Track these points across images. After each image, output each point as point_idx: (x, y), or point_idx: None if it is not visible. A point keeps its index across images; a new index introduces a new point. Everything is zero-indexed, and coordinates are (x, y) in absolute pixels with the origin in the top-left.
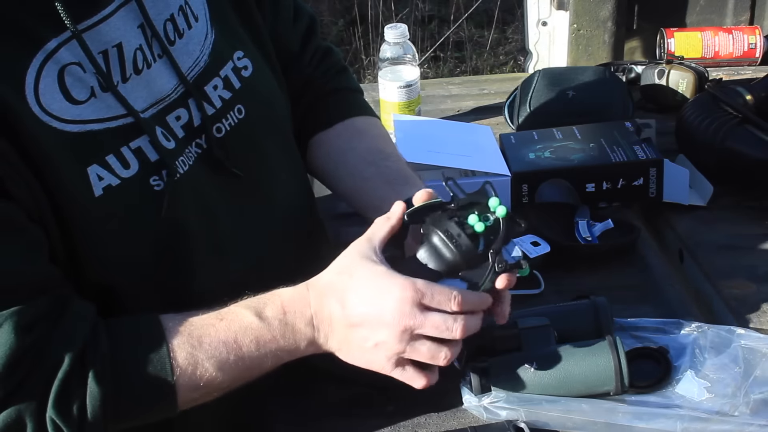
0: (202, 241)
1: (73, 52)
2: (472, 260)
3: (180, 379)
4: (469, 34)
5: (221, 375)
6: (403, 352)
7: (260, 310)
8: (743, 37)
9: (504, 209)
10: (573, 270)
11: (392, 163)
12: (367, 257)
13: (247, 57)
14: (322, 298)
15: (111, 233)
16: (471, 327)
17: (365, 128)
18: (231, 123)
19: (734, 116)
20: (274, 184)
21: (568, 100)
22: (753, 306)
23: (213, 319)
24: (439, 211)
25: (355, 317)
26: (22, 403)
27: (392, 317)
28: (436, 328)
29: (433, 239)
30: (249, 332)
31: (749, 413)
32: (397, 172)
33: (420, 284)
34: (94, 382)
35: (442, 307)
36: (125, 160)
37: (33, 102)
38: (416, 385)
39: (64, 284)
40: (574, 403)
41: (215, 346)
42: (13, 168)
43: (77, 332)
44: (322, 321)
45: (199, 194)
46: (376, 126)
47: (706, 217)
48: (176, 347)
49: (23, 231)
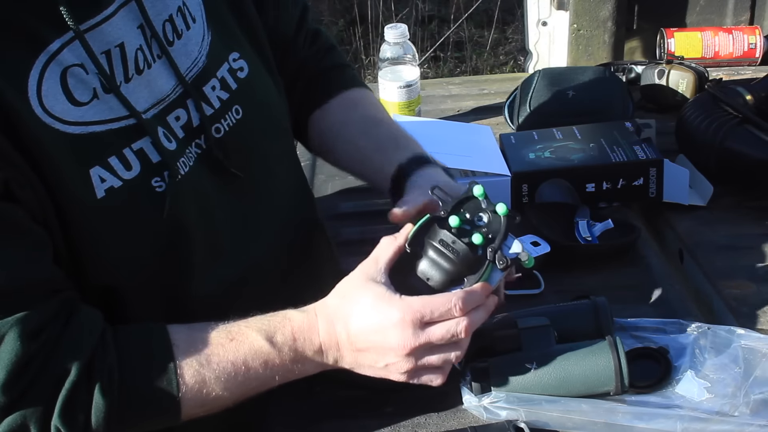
0: (202, 241)
1: (76, 53)
2: (473, 264)
3: (185, 396)
4: (469, 34)
5: (227, 394)
6: (413, 367)
7: (271, 334)
8: (743, 37)
9: (504, 207)
10: (573, 270)
11: (383, 129)
12: (371, 279)
13: (243, 58)
14: (329, 325)
15: (113, 234)
16: (477, 321)
17: (358, 99)
18: (229, 123)
19: (734, 116)
20: (272, 184)
21: (568, 100)
22: (753, 306)
23: (223, 339)
24: (434, 224)
25: (361, 343)
26: (28, 409)
27: (396, 342)
28: (441, 338)
29: (430, 252)
30: (259, 356)
31: (749, 413)
32: (387, 137)
33: (417, 304)
34: (100, 394)
35: (446, 317)
36: (127, 161)
37: (36, 104)
38: (434, 384)
39: (70, 286)
40: (574, 403)
41: (223, 366)
42: (17, 170)
43: (84, 341)
44: (331, 347)
45: (199, 195)
46: (367, 96)
47: (706, 217)
48: (184, 364)
49: (28, 233)
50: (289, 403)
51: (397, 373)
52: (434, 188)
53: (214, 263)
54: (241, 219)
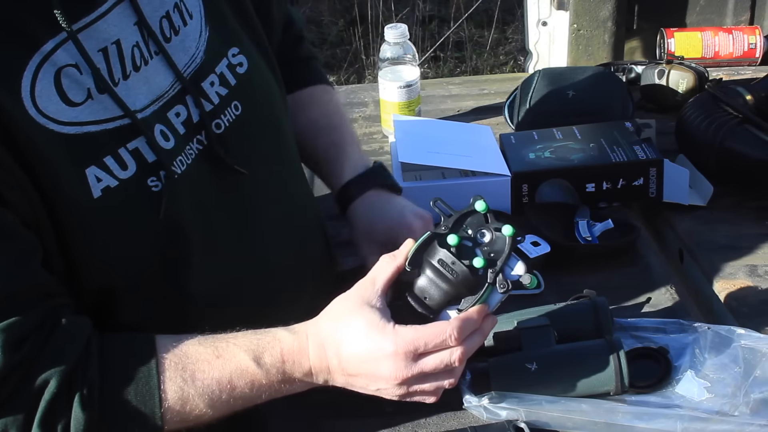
0: (200, 240)
1: (70, 53)
2: (472, 285)
3: (167, 413)
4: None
5: (211, 411)
6: (405, 393)
7: (259, 355)
8: (743, 37)
9: (510, 228)
10: (573, 270)
11: (325, 138)
12: (366, 303)
13: (242, 54)
14: (319, 349)
15: (109, 234)
16: (471, 349)
17: (309, 100)
18: (229, 119)
19: (734, 116)
20: (272, 181)
21: (568, 100)
22: (753, 306)
23: (209, 355)
24: (434, 241)
25: (352, 369)
26: (8, 418)
27: (387, 373)
28: (434, 369)
29: (428, 271)
30: (245, 376)
31: (749, 413)
32: (326, 149)
33: (410, 336)
34: (80, 407)
35: (440, 347)
36: (123, 161)
37: (29, 104)
38: (427, 402)
39: (60, 292)
40: (574, 403)
41: (208, 383)
42: (7, 172)
43: (67, 351)
44: (321, 371)
45: (197, 193)
46: (321, 95)
47: (706, 217)
48: (167, 379)
49: (16, 238)
50: (288, 402)
51: (389, 396)
52: (436, 201)
53: (212, 263)
54: (240, 218)
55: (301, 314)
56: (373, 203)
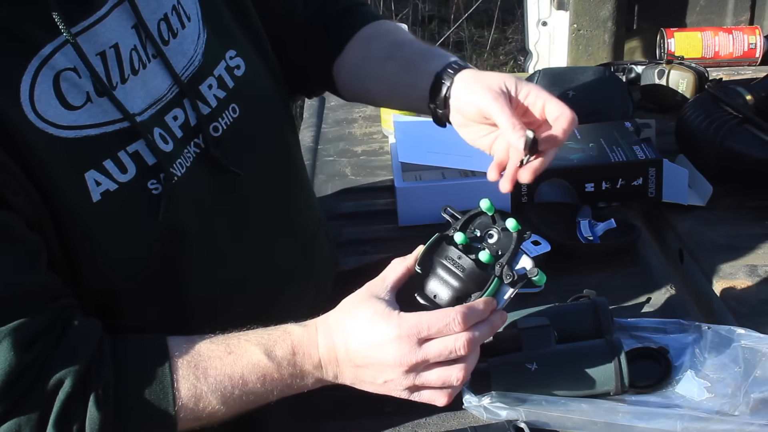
0: (200, 242)
1: (69, 57)
2: (480, 280)
3: (181, 410)
4: (469, 34)
5: (224, 408)
6: (412, 384)
7: (270, 348)
8: (743, 37)
9: (514, 222)
10: (573, 270)
11: (407, 49)
12: (374, 296)
13: (240, 56)
14: (328, 340)
15: (110, 237)
16: (479, 337)
17: (373, 34)
18: (227, 122)
19: (734, 116)
20: (272, 182)
21: (568, 100)
22: (753, 306)
23: (221, 352)
24: (443, 242)
25: (359, 359)
26: (22, 418)
27: (393, 359)
28: (439, 354)
29: (438, 270)
30: (256, 370)
31: (749, 413)
32: (413, 54)
33: (413, 320)
34: (95, 407)
35: (444, 332)
36: (122, 164)
37: (28, 109)
38: (438, 404)
39: (66, 293)
40: (574, 403)
41: (220, 380)
42: (10, 176)
43: (80, 351)
44: (330, 362)
45: (197, 195)
46: (382, 26)
47: (706, 217)
48: (180, 378)
49: (22, 240)
50: (288, 402)
51: (398, 390)
52: (445, 208)
53: (213, 265)
54: (240, 219)
55: (303, 315)
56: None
